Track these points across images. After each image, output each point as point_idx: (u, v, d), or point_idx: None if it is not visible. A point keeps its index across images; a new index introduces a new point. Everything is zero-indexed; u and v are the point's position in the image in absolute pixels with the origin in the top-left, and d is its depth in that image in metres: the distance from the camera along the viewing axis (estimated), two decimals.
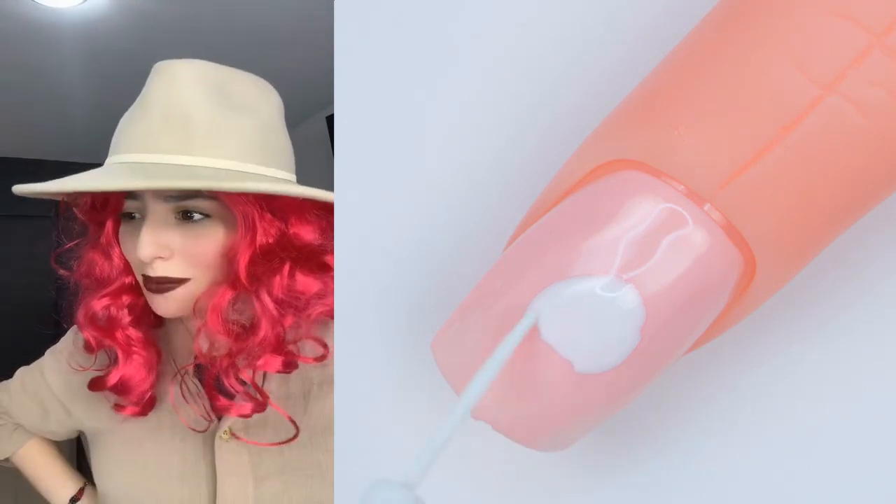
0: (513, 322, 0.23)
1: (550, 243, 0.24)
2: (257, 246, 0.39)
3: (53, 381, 0.50)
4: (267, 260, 0.40)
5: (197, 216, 0.40)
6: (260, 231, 0.39)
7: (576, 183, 0.24)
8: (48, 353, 0.52)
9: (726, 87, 0.22)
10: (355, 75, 0.32)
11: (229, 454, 0.43)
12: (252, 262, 0.39)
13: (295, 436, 0.42)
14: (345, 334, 0.31)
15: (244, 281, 0.39)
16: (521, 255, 0.24)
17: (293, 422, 0.42)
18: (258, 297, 0.40)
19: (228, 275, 0.40)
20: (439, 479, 0.30)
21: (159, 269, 0.40)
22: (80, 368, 0.46)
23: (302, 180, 0.44)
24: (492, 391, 0.24)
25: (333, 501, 0.41)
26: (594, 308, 0.23)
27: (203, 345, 0.41)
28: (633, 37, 0.28)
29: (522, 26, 0.30)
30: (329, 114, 1.90)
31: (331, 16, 0.32)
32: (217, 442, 0.43)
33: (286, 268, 0.40)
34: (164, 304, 0.41)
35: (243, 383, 0.41)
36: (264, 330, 0.39)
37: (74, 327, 0.48)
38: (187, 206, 0.39)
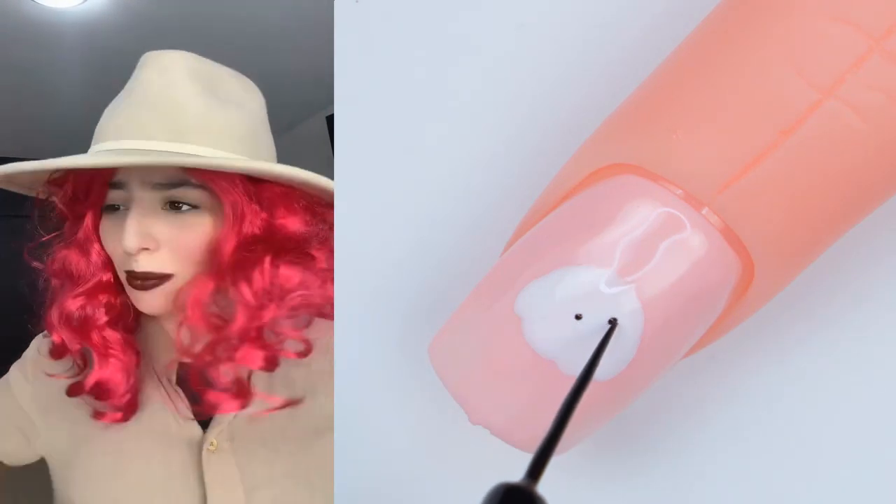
0: (510, 326, 0.23)
1: (548, 247, 0.24)
2: (242, 236, 0.38)
3: (22, 396, 0.46)
4: (249, 250, 0.39)
5: (185, 207, 0.38)
6: (247, 221, 0.38)
7: (574, 187, 0.24)
8: (13, 367, 0.48)
9: (725, 90, 0.22)
10: (355, 75, 0.32)
11: (217, 465, 0.41)
12: (235, 252, 0.38)
13: (296, 401, 0.40)
14: (344, 336, 0.31)
15: (225, 270, 0.38)
16: (519, 259, 0.24)
17: (290, 402, 0.40)
18: (238, 287, 0.38)
19: (210, 267, 0.39)
20: (438, 478, 0.30)
21: (144, 264, 0.38)
22: (50, 376, 0.43)
23: None
24: (488, 396, 0.24)
25: None
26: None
27: (184, 338, 0.40)
28: (632, 39, 0.28)
29: (521, 27, 0.30)
30: (329, 114, 1.90)
31: (331, 16, 0.32)
32: (204, 454, 0.41)
33: (268, 258, 0.39)
34: (150, 300, 0.39)
35: (227, 376, 0.40)
36: (243, 319, 0.38)
37: (39, 336, 0.46)
38: (175, 195, 0.38)
